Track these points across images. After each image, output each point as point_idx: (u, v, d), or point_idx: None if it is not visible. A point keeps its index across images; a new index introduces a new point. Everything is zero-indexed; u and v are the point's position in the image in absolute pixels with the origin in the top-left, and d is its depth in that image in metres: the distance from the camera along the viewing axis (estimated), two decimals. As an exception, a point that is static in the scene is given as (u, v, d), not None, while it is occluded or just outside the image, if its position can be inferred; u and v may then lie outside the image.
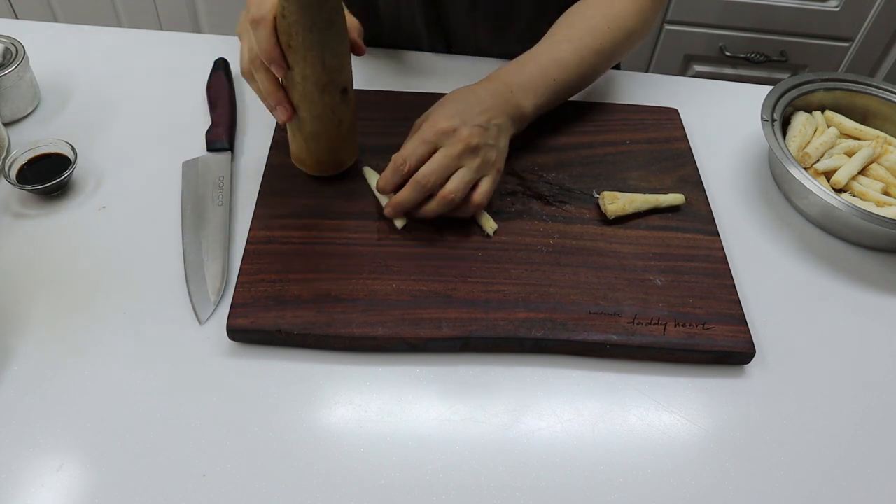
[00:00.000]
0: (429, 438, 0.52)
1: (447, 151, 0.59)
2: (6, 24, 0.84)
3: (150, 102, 0.76)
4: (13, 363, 0.54)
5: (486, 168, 0.61)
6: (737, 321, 0.58)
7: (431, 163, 0.59)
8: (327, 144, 0.63)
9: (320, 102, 0.59)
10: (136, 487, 0.49)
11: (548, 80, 0.67)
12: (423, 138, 0.60)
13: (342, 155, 0.65)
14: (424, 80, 0.81)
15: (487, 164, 0.61)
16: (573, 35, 0.69)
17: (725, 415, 0.55)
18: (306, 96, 0.59)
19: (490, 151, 0.61)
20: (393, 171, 0.60)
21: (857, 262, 0.67)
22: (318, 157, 0.64)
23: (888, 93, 0.74)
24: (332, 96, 0.59)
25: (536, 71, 0.67)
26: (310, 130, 0.61)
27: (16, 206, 0.65)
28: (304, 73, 0.57)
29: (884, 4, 1.35)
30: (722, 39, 1.44)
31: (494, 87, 0.64)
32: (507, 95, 0.64)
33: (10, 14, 1.56)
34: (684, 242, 0.64)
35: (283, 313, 0.56)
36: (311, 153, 0.64)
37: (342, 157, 0.66)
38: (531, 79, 0.66)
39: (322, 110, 0.60)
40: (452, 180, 0.59)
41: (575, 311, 0.58)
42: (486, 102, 0.62)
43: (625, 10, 0.70)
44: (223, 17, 1.56)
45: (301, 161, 0.65)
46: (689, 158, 0.72)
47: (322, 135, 0.62)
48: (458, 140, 0.59)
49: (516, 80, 0.66)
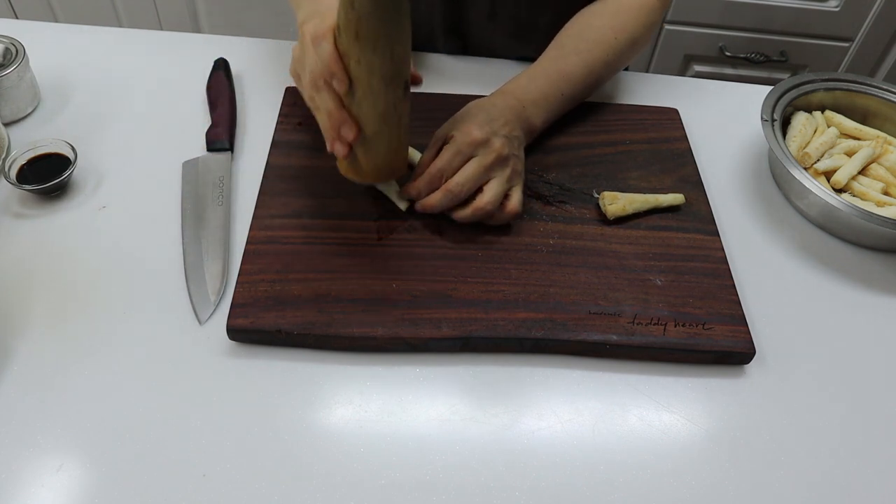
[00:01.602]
0: (429, 438, 0.52)
1: (481, 161, 0.61)
2: (6, 24, 0.84)
3: (150, 102, 0.76)
4: (13, 363, 0.54)
5: (515, 178, 0.63)
6: (737, 321, 0.58)
7: (464, 172, 0.61)
8: (387, 147, 0.60)
9: (384, 99, 0.56)
10: (136, 487, 0.49)
11: (557, 95, 0.69)
12: (458, 150, 0.61)
13: (399, 159, 0.62)
14: (439, 80, 0.81)
15: (515, 173, 0.63)
16: (581, 47, 0.70)
17: (725, 415, 0.55)
18: (371, 92, 0.55)
19: (517, 162, 0.64)
20: (428, 182, 0.62)
21: (857, 262, 0.67)
22: (376, 161, 0.61)
23: (888, 93, 0.74)
24: (395, 91, 0.56)
25: (546, 86, 0.69)
26: (372, 132, 0.58)
27: (16, 206, 0.65)
28: (372, 65, 0.54)
29: (884, 4, 1.35)
30: (722, 39, 1.44)
31: (509, 102, 0.66)
32: (519, 110, 0.66)
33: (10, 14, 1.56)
34: (684, 242, 0.64)
35: (283, 313, 0.56)
36: (370, 157, 0.60)
37: (399, 162, 0.63)
38: (542, 95, 0.68)
39: (385, 107, 0.57)
40: (487, 192, 0.61)
41: (575, 311, 0.58)
42: (507, 115, 0.64)
43: (630, 19, 0.71)
44: (223, 17, 1.56)
45: (357, 170, 0.61)
46: (689, 158, 0.72)
47: (384, 136, 0.59)
48: (491, 151, 0.61)
49: (528, 96, 0.67)
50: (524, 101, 0.67)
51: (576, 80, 0.70)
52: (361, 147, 0.59)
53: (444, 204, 0.61)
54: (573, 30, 0.72)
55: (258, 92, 0.78)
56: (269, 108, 0.75)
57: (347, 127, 0.57)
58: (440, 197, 0.61)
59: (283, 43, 0.84)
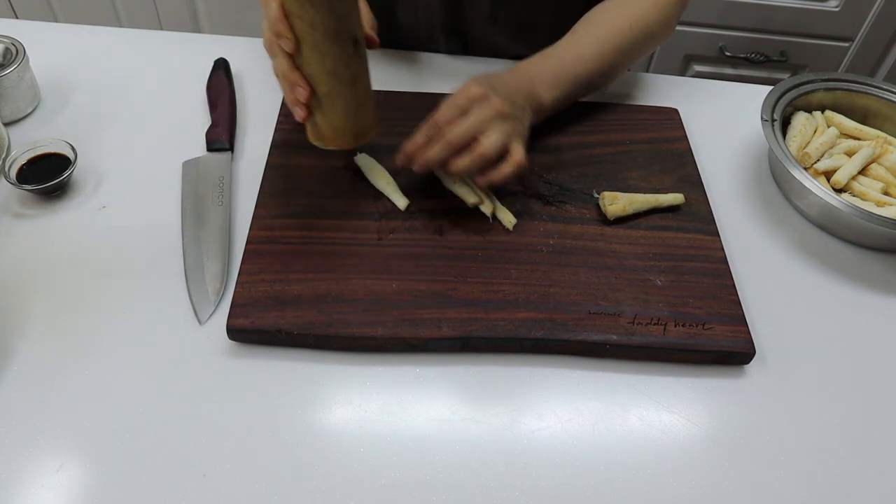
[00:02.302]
0: (429, 438, 0.52)
1: (479, 114, 0.59)
2: (6, 24, 0.84)
3: (150, 102, 0.76)
4: (13, 363, 0.54)
5: (516, 135, 0.61)
6: (737, 321, 0.58)
7: (462, 123, 0.59)
8: (343, 106, 0.59)
9: (331, 55, 0.56)
10: (136, 487, 0.49)
11: (568, 75, 0.69)
12: (455, 103, 0.60)
13: (360, 122, 0.61)
14: (439, 81, 0.81)
15: (516, 131, 0.61)
16: (596, 33, 0.71)
17: (725, 415, 0.55)
18: (317, 49, 0.55)
19: (518, 123, 0.62)
20: (426, 135, 0.60)
21: (857, 262, 0.67)
22: (335, 123, 0.60)
23: (888, 93, 0.74)
24: (343, 47, 0.56)
25: (559, 65, 0.69)
26: (324, 91, 0.57)
27: (16, 206, 0.65)
28: (314, 21, 0.54)
29: (884, 4, 1.35)
30: (722, 39, 1.44)
31: (518, 77, 0.66)
32: (528, 85, 0.66)
33: (10, 14, 1.56)
34: (684, 242, 0.64)
35: (283, 313, 0.56)
36: (328, 120, 0.59)
37: (360, 125, 0.61)
38: (553, 73, 0.68)
39: (335, 64, 0.56)
40: (487, 137, 0.59)
41: (575, 311, 0.58)
42: (512, 85, 0.64)
43: (647, 11, 0.72)
44: (223, 17, 1.56)
45: (318, 134, 0.61)
46: (689, 158, 0.72)
47: (337, 95, 0.58)
48: (490, 106, 0.60)
49: (539, 73, 0.68)
50: (534, 77, 0.67)
51: (588, 63, 0.70)
52: (319, 110, 0.59)
53: (442, 156, 0.60)
54: (589, 19, 0.73)
55: (258, 92, 0.78)
56: (269, 108, 0.75)
57: (300, 88, 0.57)
58: (438, 149, 0.60)
59: (283, 43, 0.84)
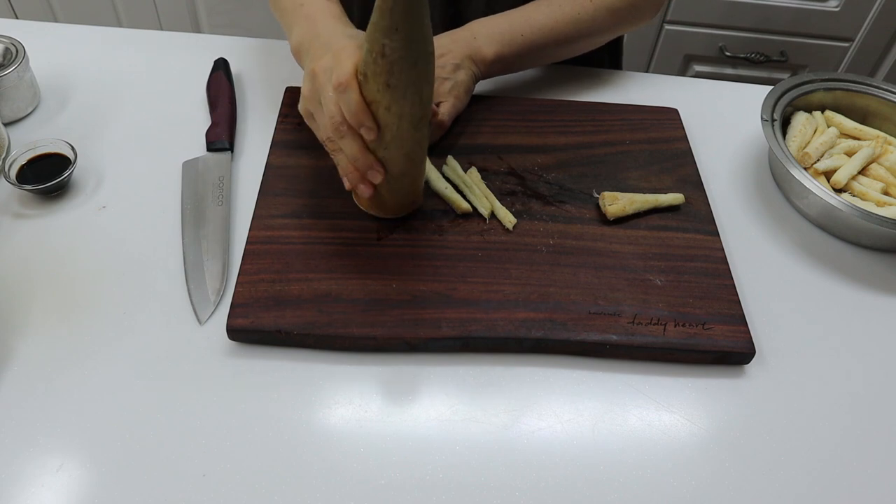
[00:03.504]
0: (429, 438, 0.52)
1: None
2: (6, 24, 0.84)
3: (150, 102, 0.76)
4: (13, 363, 0.54)
5: (446, 95, 0.68)
6: (737, 321, 0.58)
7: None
8: (410, 183, 0.60)
9: (411, 140, 0.56)
10: (136, 487, 0.49)
11: (514, 35, 0.71)
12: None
13: (418, 191, 0.63)
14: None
15: (447, 91, 0.68)
16: (552, 2, 0.73)
17: (725, 415, 0.55)
18: (399, 136, 0.55)
19: (442, 84, 0.68)
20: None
21: (857, 262, 0.67)
22: (400, 198, 0.61)
23: (888, 93, 0.74)
24: (422, 131, 0.56)
25: (505, 25, 0.72)
26: (398, 171, 0.58)
27: (16, 206, 0.65)
28: (402, 111, 0.53)
29: (884, 4, 1.35)
30: (722, 39, 1.44)
31: (458, 34, 0.71)
32: (469, 40, 0.70)
33: (10, 14, 1.56)
34: (684, 242, 0.64)
35: (283, 313, 0.56)
36: (394, 195, 0.60)
37: (418, 194, 0.63)
38: (497, 30, 0.71)
39: (412, 147, 0.57)
40: None
41: (575, 311, 0.58)
42: (445, 45, 0.69)
43: None
44: (223, 17, 1.56)
45: (381, 206, 0.62)
46: (689, 158, 0.72)
47: (409, 174, 0.59)
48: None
49: (482, 29, 0.71)
50: (476, 33, 0.71)
51: (538, 27, 0.71)
52: (386, 186, 0.59)
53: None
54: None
55: (258, 92, 0.78)
56: (269, 108, 0.75)
57: (374, 171, 0.57)
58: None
59: (283, 43, 0.84)
